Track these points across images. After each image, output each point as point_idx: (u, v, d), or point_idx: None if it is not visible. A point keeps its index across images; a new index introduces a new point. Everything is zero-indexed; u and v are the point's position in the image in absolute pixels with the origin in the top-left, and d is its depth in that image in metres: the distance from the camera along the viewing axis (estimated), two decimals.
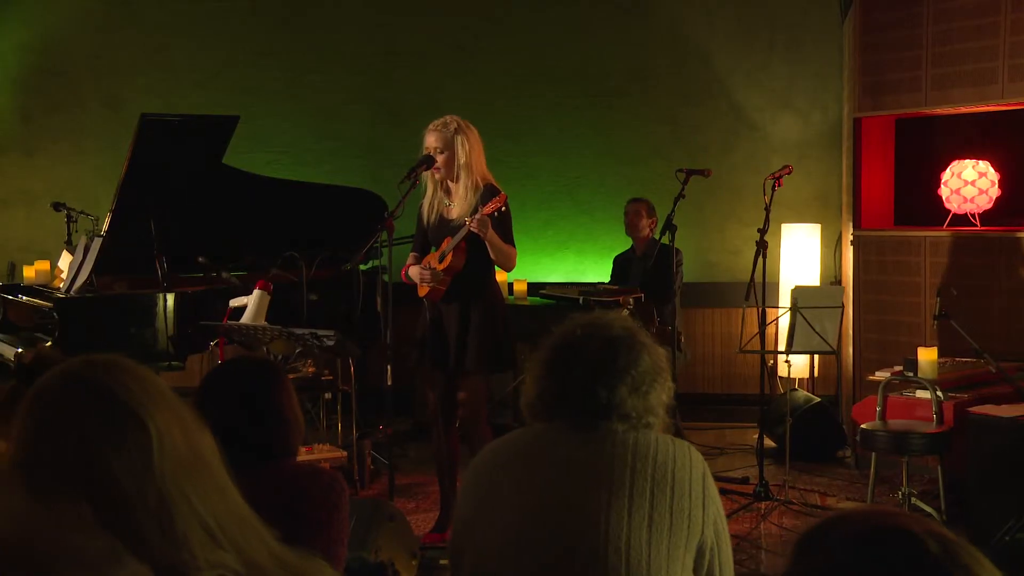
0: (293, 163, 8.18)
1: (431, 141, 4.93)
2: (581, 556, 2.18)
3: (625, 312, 5.24)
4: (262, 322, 4.81)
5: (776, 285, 7.20)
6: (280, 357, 5.28)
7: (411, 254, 5.15)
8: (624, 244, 7.60)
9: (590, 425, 2.29)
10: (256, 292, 4.87)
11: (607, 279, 7.45)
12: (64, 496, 1.38)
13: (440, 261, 4.96)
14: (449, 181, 5.01)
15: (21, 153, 8.57)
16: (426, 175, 5.01)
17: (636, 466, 2.23)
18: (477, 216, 4.77)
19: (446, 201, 5.05)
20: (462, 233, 4.86)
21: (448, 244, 4.94)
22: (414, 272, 5.03)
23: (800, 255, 7.38)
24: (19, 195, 8.54)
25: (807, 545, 1.25)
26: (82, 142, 8.49)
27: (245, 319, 4.84)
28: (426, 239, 5.15)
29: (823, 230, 7.57)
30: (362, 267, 6.52)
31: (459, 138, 4.90)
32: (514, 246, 5.03)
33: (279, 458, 2.48)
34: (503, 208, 4.83)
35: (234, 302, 5.06)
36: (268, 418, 2.46)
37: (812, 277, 7.36)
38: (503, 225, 4.95)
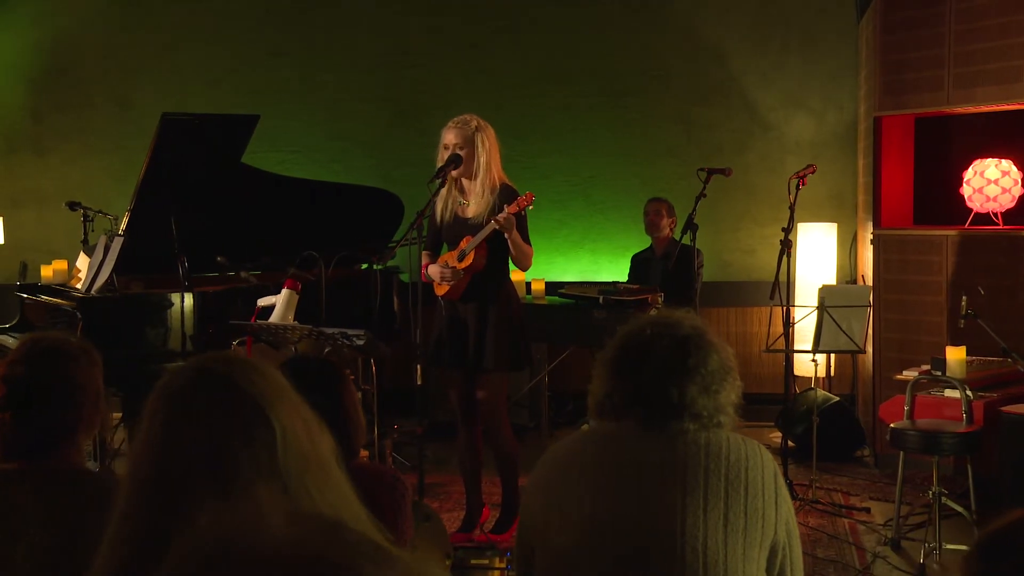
0: (304, 162, 8.15)
1: (451, 138, 4.92)
2: (658, 556, 2.16)
3: (654, 311, 5.22)
4: (291, 321, 4.78)
5: (792, 284, 7.19)
6: None
7: (424, 252, 5.13)
8: (638, 243, 7.59)
9: (661, 425, 2.27)
10: (284, 291, 4.84)
11: (622, 278, 7.44)
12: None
13: (460, 260, 4.95)
14: (465, 179, 5.00)
15: (32, 153, 8.53)
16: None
17: (709, 466, 2.22)
18: (503, 214, 4.76)
19: (461, 200, 5.03)
20: (485, 232, 4.85)
21: (469, 243, 4.92)
22: (434, 271, 5.01)
23: (816, 254, 7.37)
24: (30, 195, 8.51)
25: (990, 552, 1.22)
26: (93, 141, 8.46)
27: (274, 318, 4.81)
28: (438, 237, 5.15)
29: (839, 229, 7.57)
30: (377, 267, 6.52)
31: (479, 136, 4.90)
32: (530, 245, 5.04)
33: (343, 459, 2.45)
34: (530, 207, 4.83)
35: (262, 301, 5.04)
36: (334, 418, 2.43)
37: (828, 276, 7.36)
38: (521, 224, 4.95)
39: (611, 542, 2.20)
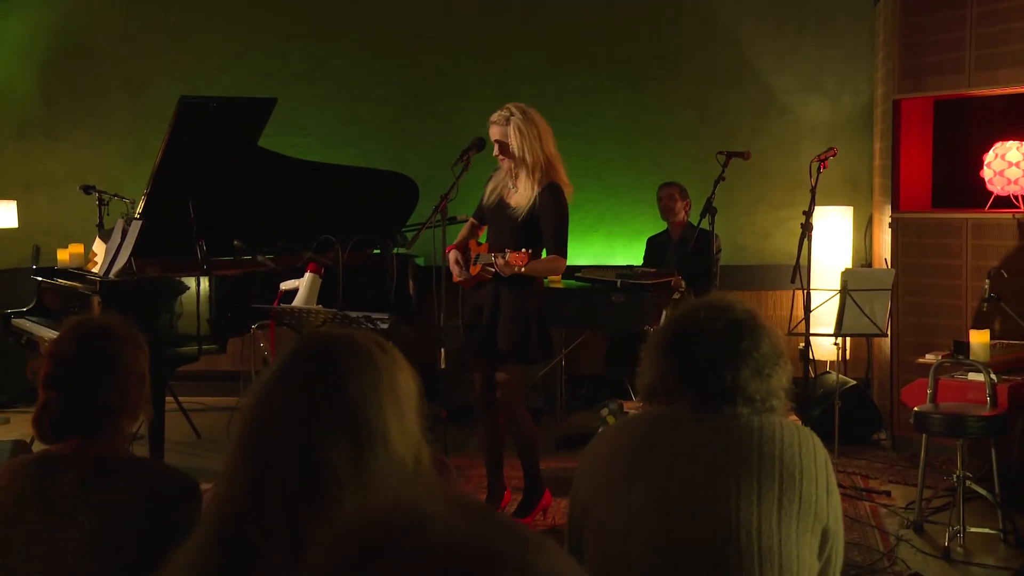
0: (317, 146, 8.12)
1: (492, 133, 4.91)
2: (713, 541, 2.15)
3: (676, 296, 5.21)
4: (314, 305, 4.77)
5: (808, 268, 7.16)
6: None
7: (471, 219, 5.13)
8: (652, 226, 7.58)
9: (713, 408, 2.26)
10: (308, 275, 4.84)
11: (636, 262, 7.43)
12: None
13: (474, 263, 4.93)
14: (515, 168, 4.96)
15: (44, 137, 8.51)
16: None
17: (763, 450, 2.21)
18: (504, 262, 4.65)
19: (510, 184, 5.00)
20: (491, 260, 4.78)
21: (483, 255, 4.89)
22: (450, 259, 5.00)
23: (832, 238, 7.35)
24: (42, 179, 8.49)
25: None
26: (105, 126, 8.44)
27: (297, 302, 4.80)
28: (483, 216, 5.14)
29: (854, 213, 7.55)
30: (400, 251, 6.49)
31: (512, 125, 4.84)
32: (564, 253, 4.93)
33: None
34: (522, 268, 4.63)
35: (284, 285, 5.02)
36: None
37: (844, 260, 7.34)
38: (561, 227, 4.88)
39: (664, 526, 2.19)
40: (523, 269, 4.64)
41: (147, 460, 2.29)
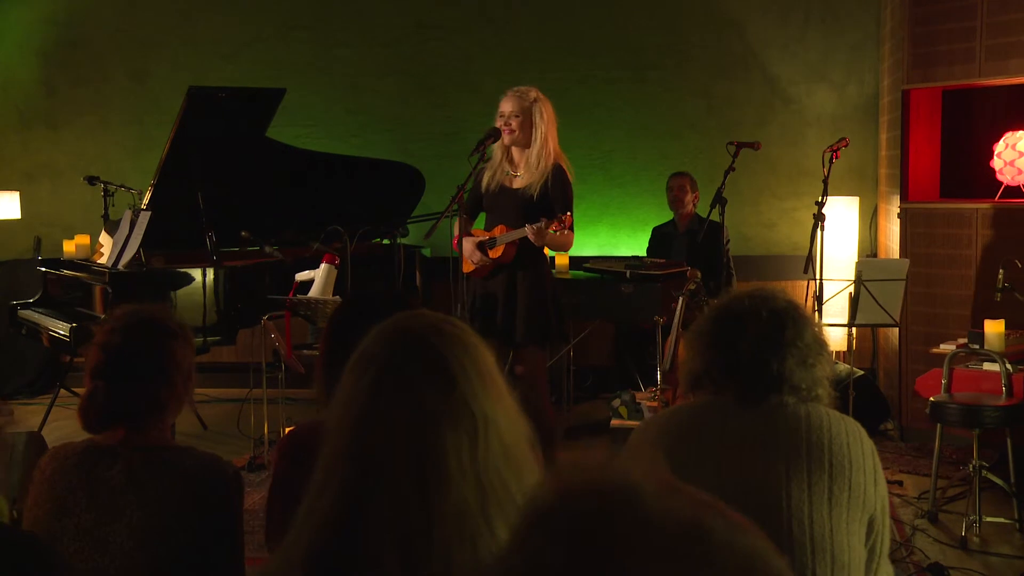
0: (322, 136, 8.09)
1: (507, 107, 4.92)
2: (764, 530, 2.14)
3: (692, 286, 5.20)
4: (330, 296, 4.76)
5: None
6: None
7: (463, 216, 5.12)
8: (657, 217, 7.56)
9: (760, 398, 2.26)
10: (323, 266, 4.83)
11: (641, 252, 7.41)
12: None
13: (491, 247, 4.93)
14: (516, 150, 4.96)
15: (46, 127, 8.45)
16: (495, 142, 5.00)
17: (811, 439, 2.20)
18: (537, 228, 4.74)
19: (508, 170, 5.01)
20: (518, 233, 4.83)
21: (503, 235, 4.90)
22: (468, 248, 4.99)
23: (838, 228, 7.33)
24: (44, 169, 8.44)
25: None
26: (107, 116, 8.38)
27: (313, 293, 4.79)
28: (479, 205, 5.13)
29: (860, 203, 7.54)
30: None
31: (536, 107, 4.89)
32: (573, 229, 4.98)
33: None
34: (567, 231, 4.79)
35: (299, 276, 5.01)
36: None
37: (850, 250, 7.33)
38: (569, 208, 4.93)
39: None
40: (568, 231, 4.76)
41: (191, 450, 2.28)
